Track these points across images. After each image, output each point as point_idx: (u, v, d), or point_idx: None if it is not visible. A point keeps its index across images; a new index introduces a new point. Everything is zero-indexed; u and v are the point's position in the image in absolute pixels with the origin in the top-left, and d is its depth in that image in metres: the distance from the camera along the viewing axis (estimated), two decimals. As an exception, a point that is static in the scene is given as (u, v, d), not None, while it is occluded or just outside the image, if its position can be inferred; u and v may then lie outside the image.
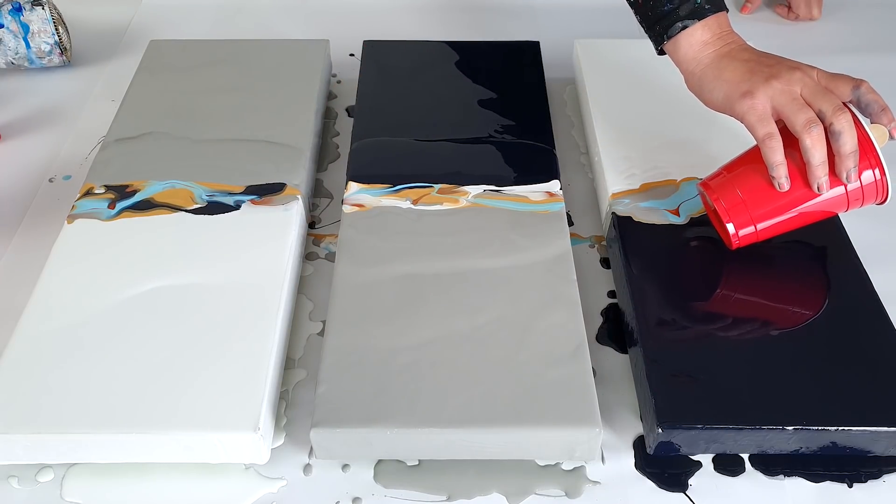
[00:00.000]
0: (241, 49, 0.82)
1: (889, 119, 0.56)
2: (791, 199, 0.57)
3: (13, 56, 0.85)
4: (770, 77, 0.57)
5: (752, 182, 0.58)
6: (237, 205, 0.65)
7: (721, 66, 0.59)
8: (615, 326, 0.63)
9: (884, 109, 0.56)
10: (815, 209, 0.58)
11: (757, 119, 0.56)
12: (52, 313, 0.57)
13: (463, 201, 0.66)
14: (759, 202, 0.58)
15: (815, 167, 0.55)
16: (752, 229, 0.59)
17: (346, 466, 0.54)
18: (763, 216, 0.58)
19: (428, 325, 0.56)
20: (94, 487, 0.53)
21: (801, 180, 0.57)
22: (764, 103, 0.56)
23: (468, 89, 0.78)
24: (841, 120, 0.54)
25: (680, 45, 0.61)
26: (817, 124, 0.55)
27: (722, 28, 0.61)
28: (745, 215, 0.58)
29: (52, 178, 0.76)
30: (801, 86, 0.56)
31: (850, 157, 0.55)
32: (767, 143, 0.56)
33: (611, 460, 0.54)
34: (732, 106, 0.58)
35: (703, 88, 0.60)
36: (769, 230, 0.59)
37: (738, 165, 0.59)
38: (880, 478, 0.53)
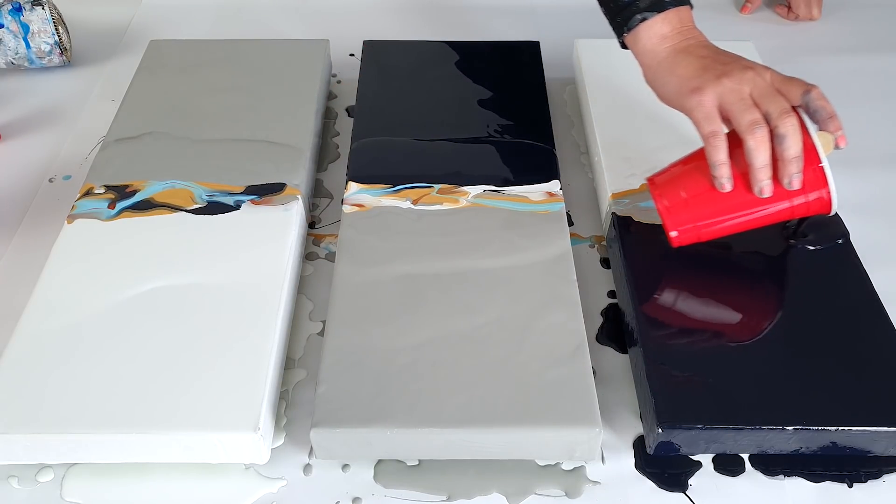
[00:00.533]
0: (241, 49, 0.82)
1: (836, 127, 0.55)
2: (733, 202, 0.56)
3: (13, 56, 0.85)
4: (721, 75, 0.56)
5: (695, 181, 0.57)
6: (237, 205, 0.65)
7: (676, 61, 0.59)
8: (615, 326, 0.63)
9: (831, 117, 0.55)
10: (759, 214, 0.57)
11: (703, 116, 0.56)
12: (52, 313, 0.57)
13: (463, 201, 0.66)
14: (701, 202, 0.57)
15: (757, 169, 0.54)
16: (693, 229, 0.58)
17: (346, 466, 0.54)
18: (704, 216, 0.57)
19: (428, 325, 0.56)
20: (94, 487, 0.53)
21: (744, 183, 0.55)
22: (712, 101, 0.56)
23: (468, 89, 0.78)
24: (786, 123, 0.53)
25: (639, 38, 0.60)
26: (762, 126, 0.54)
27: (683, 23, 0.60)
28: (685, 214, 0.58)
29: (52, 178, 0.76)
30: (752, 86, 0.55)
31: (793, 161, 0.54)
32: (711, 141, 0.55)
33: (611, 460, 0.54)
34: (681, 101, 0.58)
35: (657, 82, 0.60)
36: (710, 231, 0.58)
37: (686, 163, 0.59)
38: (880, 478, 0.53)
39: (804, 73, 0.88)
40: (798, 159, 0.54)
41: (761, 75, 0.56)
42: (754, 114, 0.54)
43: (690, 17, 0.61)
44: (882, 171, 0.77)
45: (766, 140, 0.54)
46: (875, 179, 0.76)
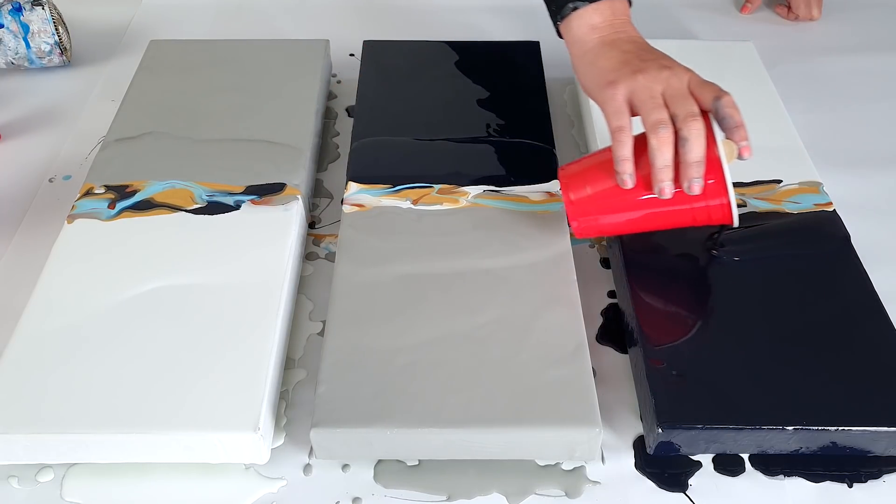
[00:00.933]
0: (241, 49, 0.82)
1: (741, 137, 0.54)
2: (635, 200, 0.56)
3: (13, 56, 0.85)
4: (637, 71, 0.56)
5: (602, 175, 0.57)
6: (237, 205, 0.65)
7: (600, 53, 0.59)
8: (615, 326, 0.63)
9: (738, 126, 0.54)
10: (660, 216, 0.57)
11: (613, 110, 0.56)
12: (52, 313, 0.57)
13: (463, 201, 0.66)
14: (603, 196, 0.57)
15: (657, 169, 0.54)
16: (594, 222, 0.58)
17: (346, 466, 0.54)
18: (605, 211, 0.58)
19: (428, 325, 0.56)
20: (94, 487, 0.53)
21: (648, 183, 0.55)
22: (623, 96, 0.56)
23: (468, 89, 0.78)
24: (690, 126, 0.53)
25: (571, 26, 0.61)
26: (667, 126, 0.53)
27: (616, 16, 0.60)
28: (587, 206, 0.58)
29: (52, 178, 0.76)
30: (665, 86, 0.55)
31: (693, 165, 0.53)
32: (617, 136, 0.55)
33: (611, 460, 0.54)
34: (597, 93, 0.58)
35: (580, 71, 0.60)
36: (611, 226, 0.59)
37: (596, 157, 0.59)
38: (880, 478, 0.53)
39: (804, 73, 0.89)
40: (699, 164, 0.53)
41: (677, 76, 0.56)
42: (661, 113, 0.54)
43: (625, 10, 0.61)
44: (882, 171, 0.77)
45: (670, 141, 0.53)
46: (875, 179, 0.76)
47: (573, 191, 0.58)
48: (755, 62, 0.82)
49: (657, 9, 1.00)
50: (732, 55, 0.83)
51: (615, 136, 0.55)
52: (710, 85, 0.55)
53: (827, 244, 0.63)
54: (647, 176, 0.55)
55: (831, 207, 0.66)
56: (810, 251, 0.62)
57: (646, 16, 0.99)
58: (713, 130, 0.54)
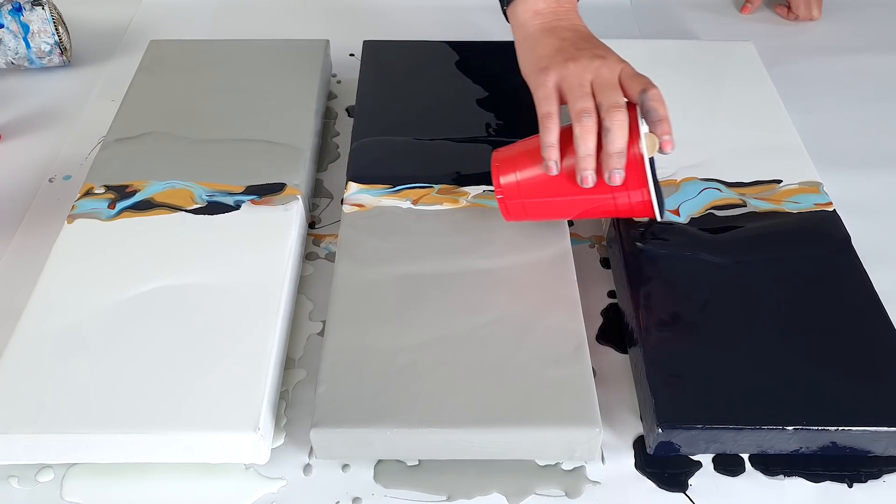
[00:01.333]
0: (241, 49, 0.82)
1: (664, 130, 0.54)
2: (560, 187, 0.57)
3: (13, 56, 0.85)
4: (569, 59, 0.56)
5: (530, 161, 0.58)
6: (237, 205, 0.65)
7: (539, 39, 0.59)
8: (615, 326, 0.63)
9: (661, 120, 0.54)
10: (584, 203, 0.57)
11: (542, 97, 0.56)
12: (52, 313, 0.57)
13: (463, 201, 0.66)
14: (530, 183, 0.58)
15: (580, 158, 0.54)
16: (520, 206, 0.59)
17: (346, 466, 0.54)
18: (531, 195, 0.58)
19: (428, 325, 0.56)
20: (94, 487, 0.53)
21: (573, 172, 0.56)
22: (553, 83, 0.56)
23: (468, 89, 0.78)
24: (613, 117, 0.53)
25: (516, 11, 0.62)
26: (591, 115, 0.54)
27: (560, 4, 0.61)
28: (515, 191, 0.58)
29: (52, 178, 0.76)
30: (595, 75, 0.55)
31: (614, 156, 0.54)
32: (544, 122, 0.56)
33: (611, 460, 0.54)
34: (530, 78, 0.58)
35: (520, 57, 0.61)
36: (537, 212, 0.59)
37: (527, 143, 0.59)
38: (880, 478, 0.53)
39: (804, 73, 0.89)
40: (619, 155, 0.54)
41: (609, 66, 0.56)
42: (587, 102, 0.54)
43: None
44: (882, 171, 0.77)
45: (593, 130, 0.54)
46: (875, 179, 0.76)
47: (503, 174, 0.59)
48: (755, 62, 0.82)
49: (657, 9, 1.00)
50: (732, 55, 0.83)
51: (542, 122, 0.56)
52: (640, 77, 0.56)
53: (827, 244, 0.63)
54: (573, 164, 0.56)
55: (831, 207, 0.66)
56: (810, 251, 0.62)
57: (646, 16, 1.00)
58: (638, 123, 0.54)
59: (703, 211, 0.65)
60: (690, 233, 0.63)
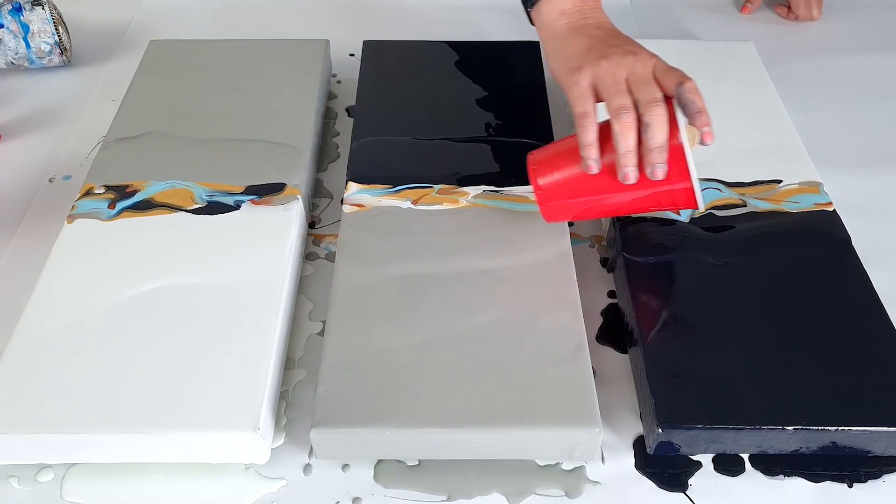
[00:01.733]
0: (241, 49, 0.82)
1: (703, 122, 0.54)
2: (601, 185, 0.57)
3: (13, 56, 0.85)
4: (602, 57, 0.56)
5: (568, 161, 0.58)
6: (237, 205, 0.65)
7: (567, 39, 0.59)
8: (615, 326, 0.63)
9: (700, 112, 0.54)
10: (626, 200, 0.57)
11: (577, 96, 0.56)
12: (52, 313, 0.57)
13: (463, 201, 0.66)
14: (570, 183, 0.58)
15: (621, 154, 0.54)
16: (561, 206, 0.59)
17: (346, 466, 0.54)
18: (572, 195, 0.58)
19: (428, 325, 0.56)
20: (94, 487, 0.53)
21: (613, 169, 0.56)
22: (588, 81, 0.56)
23: (468, 89, 0.78)
24: (652, 112, 0.53)
25: (541, 12, 0.61)
26: (629, 111, 0.54)
27: (585, 2, 0.60)
28: (555, 191, 0.58)
29: (52, 178, 0.76)
30: (629, 71, 0.55)
31: (655, 151, 0.53)
32: (581, 121, 0.56)
33: (611, 460, 0.54)
34: (562, 78, 0.58)
35: (550, 57, 0.61)
36: (579, 211, 0.59)
37: (563, 143, 0.59)
38: (880, 478, 0.53)
39: (804, 73, 0.89)
40: (661, 149, 0.54)
41: (642, 62, 0.56)
42: (624, 99, 0.54)
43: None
44: (882, 171, 0.77)
45: (632, 126, 0.54)
46: (875, 179, 0.76)
47: (541, 176, 0.59)
48: (755, 62, 0.82)
49: (657, 9, 1.00)
50: (732, 55, 0.83)
51: (579, 121, 0.56)
52: (673, 70, 0.56)
53: (827, 244, 0.63)
54: (612, 161, 0.56)
55: (831, 207, 0.66)
56: (810, 251, 0.62)
57: (646, 16, 1.00)
58: (676, 116, 0.54)
59: (704, 211, 0.65)
60: (690, 233, 0.63)
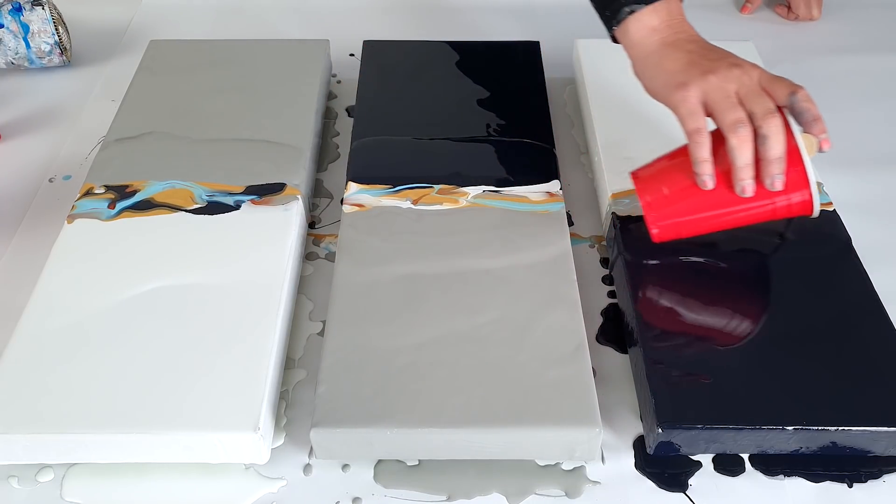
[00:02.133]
0: (241, 49, 0.82)
1: (820, 129, 0.54)
2: (715, 200, 0.56)
3: (13, 56, 0.85)
4: (707, 72, 0.56)
5: (678, 177, 0.57)
6: (237, 205, 0.65)
7: (664, 55, 0.58)
8: (615, 326, 0.63)
9: (816, 119, 0.54)
10: (742, 213, 0.57)
11: (687, 112, 0.56)
12: (53, 313, 0.57)
13: (463, 201, 0.66)
14: (682, 198, 0.57)
15: (738, 169, 0.54)
16: (673, 225, 0.58)
17: (346, 466, 0.54)
18: (685, 213, 0.57)
19: (428, 325, 0.56)
20: (94, 487, 0.53)
21: (727, 181, 0.55)
22: (697, 97, 0.55)
23: (468, 89, 0.78)
24: (770, 124, 0.53)
25: (628, 30, 0.60)
26: (745, 125, 0.53)
27: (672, 16, 0.60)
28: (666, 210, 0.58)
29: (52, 178, 0.76)
30: (738, 84, 0.55)
31: (774, 162, 0.53)
32: (694, 137, 0.55)
33: (611, 460, 0.54)
34: (667, 96, 0.57)
35: (645, 75, 0.60)
36: (691, 228, 0.58)
37: (670, 159, 0.59)
38: (880, 478, 0.53)
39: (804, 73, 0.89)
40: (780, 160, 0.54)
41: (748, 74, 0.56)
42: (738, 112, 0.54)
43: (680, 10, 0.61)
44: (882, 171, 0.77)
45: (749, 139, 0.53)
46: (875, 179, 0.76)
47: (649, 194, 0.58)
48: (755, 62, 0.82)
49: (657, 9, 1.00)
50: (732, 55, 0.83)
51: (693, 137, 0.55)
52: (781, 80, 0.56)
53: (827, 244, 0.63)
54: (725, 174, 0.55)
55: (831, 207, 0.66)
56: (810, 251, 0.62)
57: (646, 16, 0.99)
58: (790, 125, 0.54)
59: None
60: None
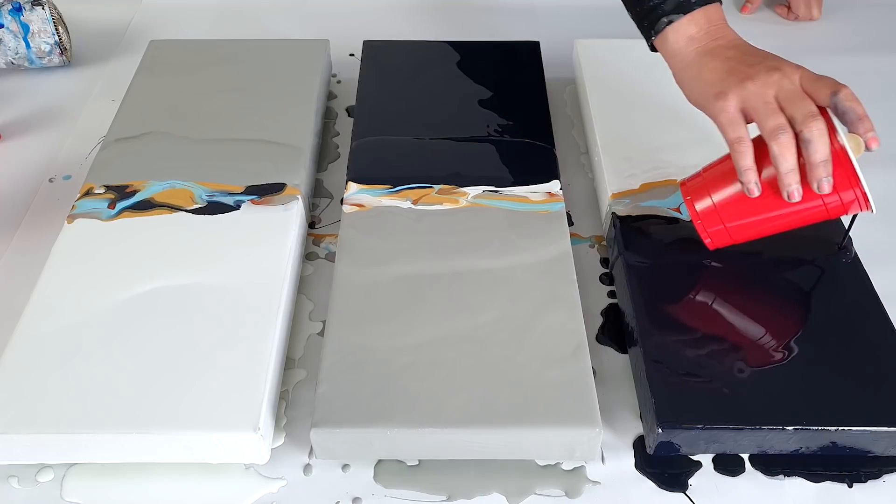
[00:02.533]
0: (241, 49, 0.82)
1: (866, 129, 0.53)
2: (763, 206, 0.56)
3: (13, 56, 0.85)
4: (746, 78, 0.55)
5: (725, 186, 0.57)
6: (237, 205, 0.65)
7: (702, 64, 0.58)
8: (615, 326, 0.63)
9: (861, 118, 0.53)
10: (792, 217, 0.57)
11: (727, 122, 0.55)
12: (52, 313, 0.57)
13: (463, 201, 0.66)
14: (730, 207, 0.57)
15: (783, 174, 0.54)
16: (724, 232, 0.58)
17: (346, 466, 0.54)
18: (734, 220, 0.57)
19: (428, 325, 0.56)
20: (94, 487, 0.53)
21: (774, 186, 0.55)
22: (735, 106, 0.55)
23: (468, 89, 0.78)
24: (811, 127, 0.52)
25: (667, 40, 0.60)
26: (786, 130, 0.53)
27: (711, 22, 0.59)
28: (715, 218, 0.58)
29: (52, 178, 0.76)
30: (777, 89, 0.54)
31: (820, 166, 0.53)
32: (736, 147, 0.55)
33: (611, 460, 0.54)
34: (706, 106, 0.57)
35: (685, 85, 0.60)
36: (743, 234, 0.58)
37: (716, 168, 0.59)
38: (880, 478, 0.53)
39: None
40: (825, 163, 0.53)
41: (788, 77, 0.55)
42: (778, 118, 0.53)
43: (720, 15, 0.60)
44: (882, 171, 0.76)
45: (791, 145, 0.53)
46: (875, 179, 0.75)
47: (698, 202, 0.58)
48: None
49: (657, 9, 1.00)
50: (732, 55, 0.83)
51: (735, 147, 0.55)
52: (823, 79, 0.55)
53: (827, 244, 0.63)
54: (772, 180, 0.55)
55: (831, 207, 0.66)
56: (810, 251, 0.62)
57: (646, 16, 0.99)
58: (834, 124, 0.54)
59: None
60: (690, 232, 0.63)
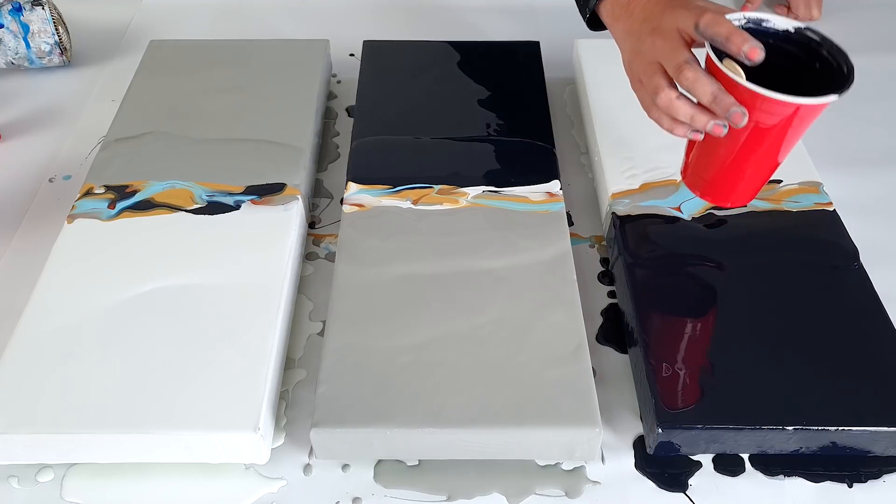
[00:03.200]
0: (241, 49, 0.82)
1: (737, 46, 0.50)
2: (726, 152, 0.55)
3: (13, 56, 0.85)
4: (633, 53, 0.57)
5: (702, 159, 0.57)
6: (237, 205, 0.65)
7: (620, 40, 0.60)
8: (615, 326, 0.63)
9: (728, 38, 0.50)
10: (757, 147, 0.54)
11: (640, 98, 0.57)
12: (52, 313, 0.57)
13: (463, 201, 0.66)
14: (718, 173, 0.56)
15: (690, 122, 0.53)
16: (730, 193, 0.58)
17: (346, 466, 0.54)
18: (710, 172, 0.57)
19: (428, 325, 0.56)
20: (94, 487, 0.53)
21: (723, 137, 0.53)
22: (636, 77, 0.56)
23: (468, 89, 0.78)
24: (681, 79, 0.52)
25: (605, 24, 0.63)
26: (660, 90, 0.53)
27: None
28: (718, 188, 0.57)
29: (52, 178, 0.76)
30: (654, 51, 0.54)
31: (713, 106, 0.51)
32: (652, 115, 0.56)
33: (611, 460, 0.54)
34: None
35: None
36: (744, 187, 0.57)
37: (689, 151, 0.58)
38: (880, 478, 0.53)
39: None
40: (718, 101, 0.51)
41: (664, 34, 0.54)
42: (653, 81, 0.54)
43: None
44: (882, 171, 0.77)
45: (672, 99, 0.53)
46: (875, 179, 0.76)
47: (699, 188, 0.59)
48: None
49: (657, 9, 1.00)
50: (732, 55, 0.83)
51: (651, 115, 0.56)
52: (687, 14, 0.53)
53: (827, 245, 0.63)
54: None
55: (831, 207, 0.66)
56: (810, 251, 0.62)
57: (646, 16, 0.99)
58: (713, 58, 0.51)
59: (704, 211, 0.65)
60: (690, 232, 0.63)
